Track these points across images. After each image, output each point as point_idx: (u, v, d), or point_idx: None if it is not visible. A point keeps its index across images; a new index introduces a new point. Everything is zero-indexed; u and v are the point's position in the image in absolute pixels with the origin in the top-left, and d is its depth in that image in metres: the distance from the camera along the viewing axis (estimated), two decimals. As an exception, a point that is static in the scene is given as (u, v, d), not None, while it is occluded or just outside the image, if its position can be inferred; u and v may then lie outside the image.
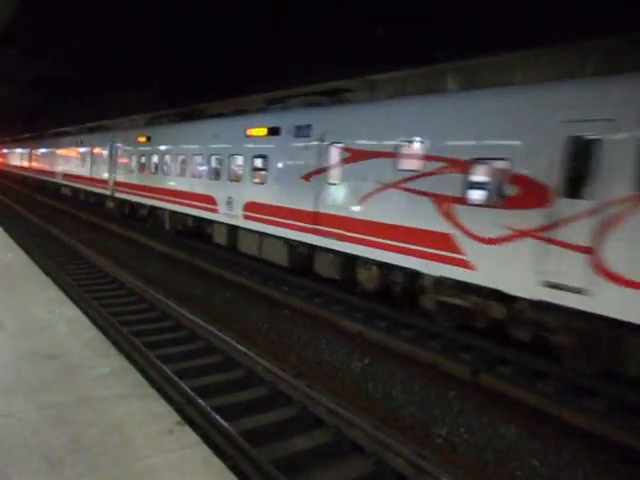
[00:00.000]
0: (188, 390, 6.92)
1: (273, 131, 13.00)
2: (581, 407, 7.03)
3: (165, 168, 18.86)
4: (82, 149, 28.58)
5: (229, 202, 14.63)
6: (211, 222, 16.10)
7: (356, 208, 10.48)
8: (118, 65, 22.16)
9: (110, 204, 25.06)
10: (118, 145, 23.34)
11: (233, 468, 4.86)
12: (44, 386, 4.96)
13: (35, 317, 7.02)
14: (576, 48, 10.46)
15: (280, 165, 12.70)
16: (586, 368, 7.43)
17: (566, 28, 9.74)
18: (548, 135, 7.35)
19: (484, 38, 11.04)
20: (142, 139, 20.90)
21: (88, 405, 4.64)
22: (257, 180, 13.70)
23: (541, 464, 6.16)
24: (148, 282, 13.06)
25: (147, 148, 20.43)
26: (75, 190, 30.91)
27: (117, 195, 23.60)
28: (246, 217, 13.91)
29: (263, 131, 13.38)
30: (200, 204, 16.30)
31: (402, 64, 13.59)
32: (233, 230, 14.91)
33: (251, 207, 13.72)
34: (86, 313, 8.43)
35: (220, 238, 15.76)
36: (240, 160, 14.54)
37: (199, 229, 17.41)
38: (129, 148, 22.23)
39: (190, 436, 4.26)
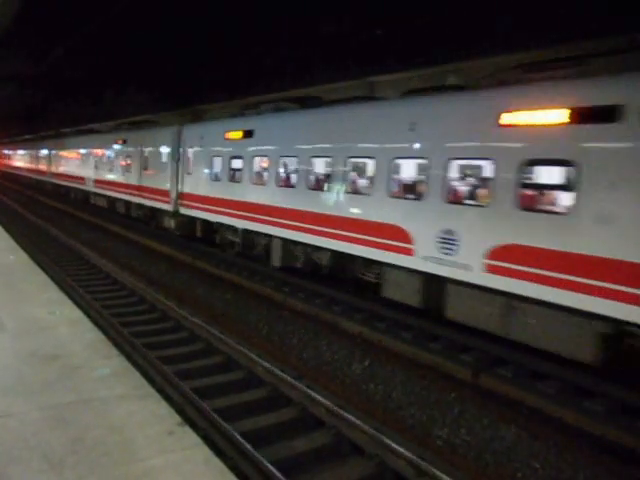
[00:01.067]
0: (189, 391, 6.93)
1: (596, 114, 7.02)
2: (581, 408, 7.03)
3: (283, 177, 13.24)
4: (126, 149, 22.88)
5: (445, 240, 8.78)
6: (382, 265, 10.29)
7: None
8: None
9: (169, 222, 19.00)
10: (189, 144, 17.56)
11: (234, 469, 4.87)
12: (45, 387, 4.97)
13: (36, 318, 7.04)
14: None
15: (622, 180, 6.73)
16: None
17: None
18: None
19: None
20: (236, 135, 14.91)
21: (89, 406, 4.65)
22: (534, 206, 8.14)
23: (541, 465, 6.16)
24: (149, 283, 13.07)
25: (246, 148, 14.26)
26: (113, 201, 24.90)
27: (184, 211, 17.77)
28: (492, 269, 8.13)
29: (559, 116, 7.38)
30: (362, 236, 10.41)
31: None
32: (436, 284, 9.26)
33: (510, 253, 7.92)
34: (87, 314, 8.44)
35: (402, 293, 9.96)
36: (486, 169, 9.05)
37: (342, 271, 11.79)
38: (211, 148, 16.22)
39: (191, 437, 4.27)
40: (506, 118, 8.14)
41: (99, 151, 26.65)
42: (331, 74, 15.31)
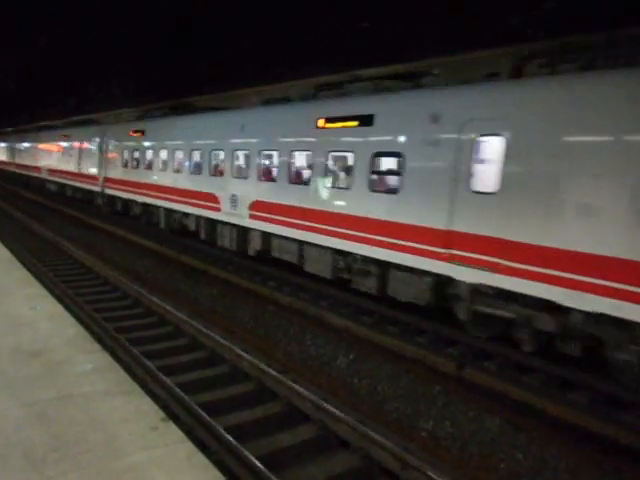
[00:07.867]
0: (173, 386, 6.88)
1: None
2: (565, 400, 7.11)
3: None
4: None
5: None
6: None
7: None
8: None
9: None
10: None
11: (218, 464, 4.84)
12: (26, 383, 4.90)
13: (17, 313, 6.93)
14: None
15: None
16: None
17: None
18: None
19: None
20: None
21: (71, 402, 4.59)
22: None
23: (525, 457, 6.23)
24: (133, 278, 12.94)
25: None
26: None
27: None
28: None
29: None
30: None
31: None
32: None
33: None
34: (69, 309, 8.34)
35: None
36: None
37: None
38: None
39: (174, 432, 4.24)
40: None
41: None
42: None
